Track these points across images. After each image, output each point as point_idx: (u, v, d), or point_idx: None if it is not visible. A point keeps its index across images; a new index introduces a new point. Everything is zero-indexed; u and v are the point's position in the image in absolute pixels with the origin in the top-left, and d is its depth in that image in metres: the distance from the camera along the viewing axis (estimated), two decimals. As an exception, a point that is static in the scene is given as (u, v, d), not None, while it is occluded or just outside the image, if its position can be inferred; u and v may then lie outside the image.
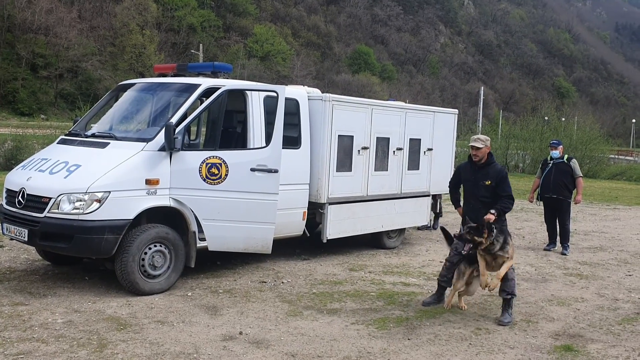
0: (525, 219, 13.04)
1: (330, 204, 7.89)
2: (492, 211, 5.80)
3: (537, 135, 31.40)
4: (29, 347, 4.52)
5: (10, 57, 46.82)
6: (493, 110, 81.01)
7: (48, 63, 47.23)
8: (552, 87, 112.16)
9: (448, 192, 6.75)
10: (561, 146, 9.80)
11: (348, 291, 6.63)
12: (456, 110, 10.38)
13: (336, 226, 8.06)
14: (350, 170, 8.14)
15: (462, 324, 5.66)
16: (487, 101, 70.92)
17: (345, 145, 8.02)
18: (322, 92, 8.04)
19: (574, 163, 9.60)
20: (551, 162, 9.64)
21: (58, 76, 47.62)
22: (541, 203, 9.90)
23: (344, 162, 8.04)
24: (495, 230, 5.71)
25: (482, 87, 56.12)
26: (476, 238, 5.72)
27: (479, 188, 6.04)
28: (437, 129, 9.51)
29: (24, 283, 6.20)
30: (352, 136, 8.11)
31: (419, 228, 10.66)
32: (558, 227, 9.66)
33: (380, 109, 8.57)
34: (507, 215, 6.11)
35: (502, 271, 5.80)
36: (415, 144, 9.12)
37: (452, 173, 7.33)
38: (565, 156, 9.68)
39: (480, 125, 42.72)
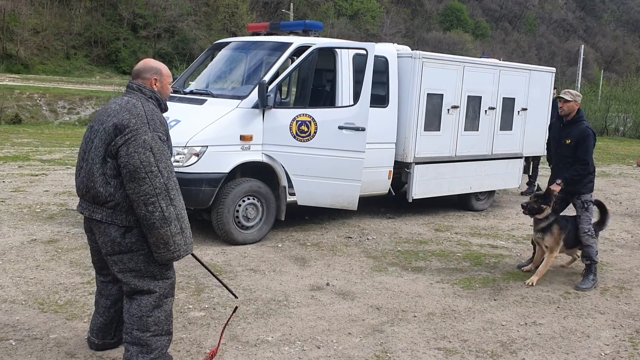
0: (624, 185, 12.39)
1: (417, 163, 7.87)
2: (559, 181, 5.52)
3: (640, 97, 29.35)
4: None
5: (113, 17, 49.26)
6: (593, 70, 76.05)
7: (147, 23, 49.30)
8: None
9: (543, 154, 6.55)
10: None
11: (433, 250, 6.67)
12: (553, 68, 9.92)
13: (422, 186, 8.04)
14: (439, 130, 8.05)
15: (551, 288, 5.57)
16: (587, 60, 66.62)
17: (435, 104, 7.92)
18: (412, 50, 7.94)
19: None
20: None
21: (156, 36, 49.61)
22: None
23: (432, 122, 7.95)
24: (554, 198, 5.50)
25: (583, 46, 52.66)
26: (542, 206, 5.50)
27: (562, 147, 5.75)
28: (533, 88, 9.15)
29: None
30: (442, 95, 7.99)
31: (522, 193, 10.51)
32: None
33: (473, 67, 8.35)
34: (604, 180, 5.84)
35: (542, 270, 5.64)
36: (508, 103, 8.85)
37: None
38: None
39: (580, 86, 40.33)
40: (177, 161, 6.05)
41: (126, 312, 3.37)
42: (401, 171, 7.96)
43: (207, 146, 6.08)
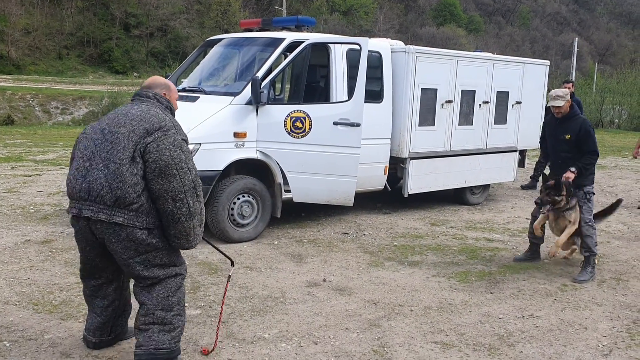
0: (619, 177, 12.40)
1: (412, 158, 7.85)
2: (572, 169, 5.55)
3: (635, 90, 29.39)
4: (130, 287, 4.90)
5: (105, 17, 49.05)
6: (587, 63, 76.14)
7: (139, 22, 49.10)
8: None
9: (537, 147, 6.55)
10: None
11: (429, 245, 6.66)
12: (547, 61, 9.90)
13: (418, 181, 8.03)
14: (433, 125, 8.03)
15: (548, 280, 5.57)
16: (581, 53, 66.68)
17: (429, 98, 7.90)
18: (406, 45, 7.92)
19: None
20: None
21: (149, 35, 49.43)
22: None
23: (427, 116, 7.93)
24: (571, 189, 5.53)
25: (577, 39, 52.72)
26: (556, 198, 5.55)
27: (560, 143, 5.75)
28: (527, 81, 9.14)
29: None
30: (436, 89, 7.97)
31: (522, 187, 10.59)
32: None
33: (466, 61, 8.33)
34: (599, 173, 5.86)
35: (563, 238, 5.66)
36: (502, 97, 8.83)
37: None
38: None
39: (574, 79, 40.40)
40: (171, 159, 6.00)
41: (146, 296, 3.38)
42: (396, 166, 7.95)
43: (200, 143, 6.04)
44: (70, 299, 4.54)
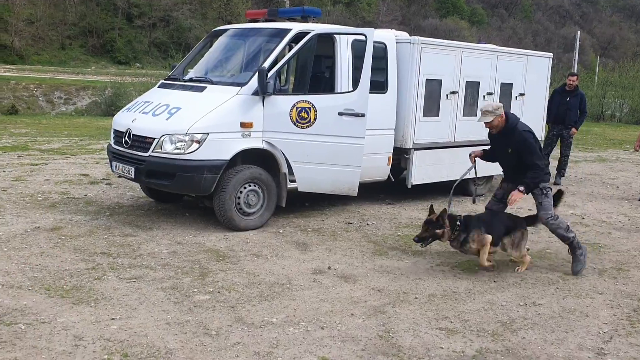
0: (620, 169, 12.45)
1: (416, 149, 7.91)
2: (521, 187, 5.31)
3: (637, 83, 29.33)
4: (140, 272, 5.00)
5: (107, 7, 49.00)
6: (589, 56, 75.85)
7: (142, 12, 49.07)
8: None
9: (541, 138, 6.54)
10: None
11: (433, 234, 6.72)
12: (550, 54, 9.94)
13: (421, 172, 8.09)
14: (438, 116, 8.09)
15: (550, 269, 5.65)
16: (583, 47, 66.38)
17: (433, 89, 7.96)
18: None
19: None
20: None
21: (151, 25, 49.39)
22: None
23: (431, 107, 7.99)
24: (460, 221, 5.26)
25: (579, 32, 52.49)
26: (437, 232, 5.24)
27: (505, 156, 5.55)
28: (530, 73, 9.19)
29: (131, 217, 6.76)
30: (441, 80, 8.02)
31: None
32: None
33: (471, 52, 8.38)
34: (601, 165, 5.83)
35: (482, 262, 5.34)
36: (506, 88, 8.88)
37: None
38: None
39: (576, 72, 40.27)
40: (178, 148, 6.09)
41: None
42: (400, 157, 8.01)
43: (208, 133, 6.10)
44: (81, 284, 4.63)
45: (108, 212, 6.89)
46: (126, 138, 6.50)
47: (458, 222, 5.31)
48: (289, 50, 6.88)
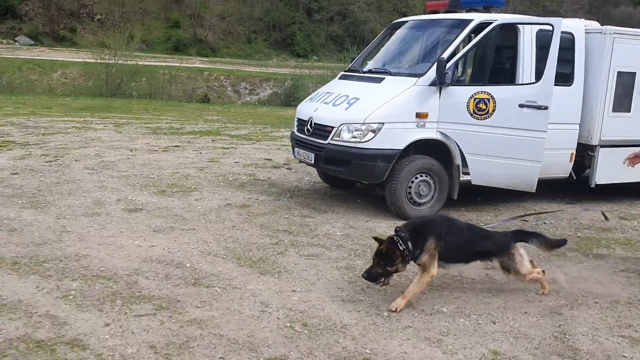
0: None
1: (602, 146, 7.38)
2: None
3: None
4: (317, 251, 5.34)
5: (290, 2, 51.73)
6: None
7: (321, 7, 51.09)
8: None
9: None
10: None
11: (617, 239, 6.27)
12: None
13: (607, 171, 7.52)
14: (629, 111, 7.48)
15: None
16: None
17: (625, 83, 7.36)
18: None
19: None
20: None
21: (329, 19, 51.20)
22: None
23: (622, 102, 7.40)
24: (409, 245, 4.11)
25: None
26: (389, 268, 4.14)
27: None
28: None
29: (308, 200, 7.20)
30: (634, 73, 7.41)
31: None
32: None
33: (673, 42, 7.56)
34: None
35: (411, 288, 4.24)
36: None
37: None
38: None
39: None
40: (355, 137, 6.35)
41: None
42: (584, 154, 7.52)
43: (383, 123, 6.29)
44: (267, 257, 5.09)
45: (289, 194, 7.42)
46: (308, 126, 6.92)
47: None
48: (469, 41, 6.80)
